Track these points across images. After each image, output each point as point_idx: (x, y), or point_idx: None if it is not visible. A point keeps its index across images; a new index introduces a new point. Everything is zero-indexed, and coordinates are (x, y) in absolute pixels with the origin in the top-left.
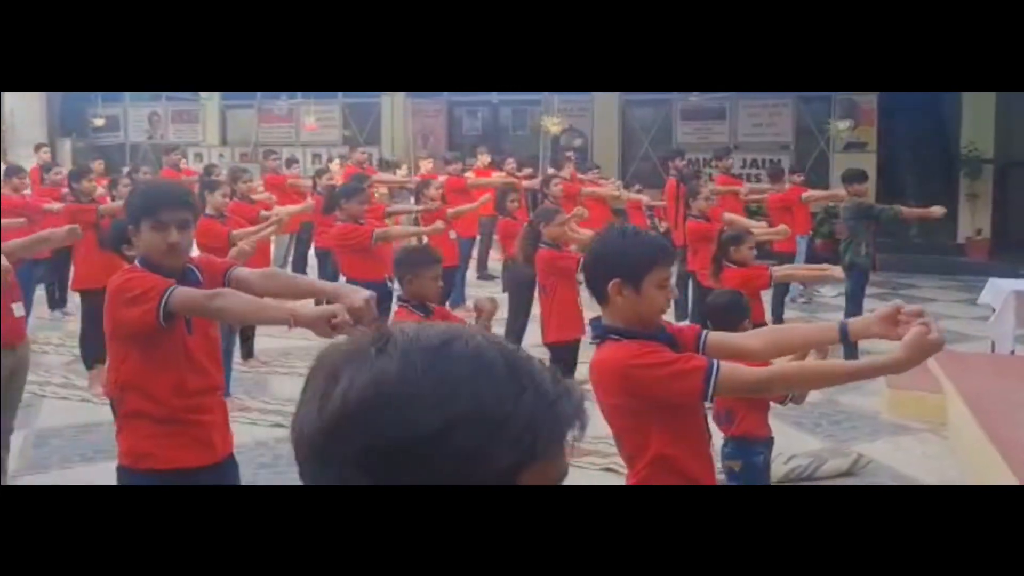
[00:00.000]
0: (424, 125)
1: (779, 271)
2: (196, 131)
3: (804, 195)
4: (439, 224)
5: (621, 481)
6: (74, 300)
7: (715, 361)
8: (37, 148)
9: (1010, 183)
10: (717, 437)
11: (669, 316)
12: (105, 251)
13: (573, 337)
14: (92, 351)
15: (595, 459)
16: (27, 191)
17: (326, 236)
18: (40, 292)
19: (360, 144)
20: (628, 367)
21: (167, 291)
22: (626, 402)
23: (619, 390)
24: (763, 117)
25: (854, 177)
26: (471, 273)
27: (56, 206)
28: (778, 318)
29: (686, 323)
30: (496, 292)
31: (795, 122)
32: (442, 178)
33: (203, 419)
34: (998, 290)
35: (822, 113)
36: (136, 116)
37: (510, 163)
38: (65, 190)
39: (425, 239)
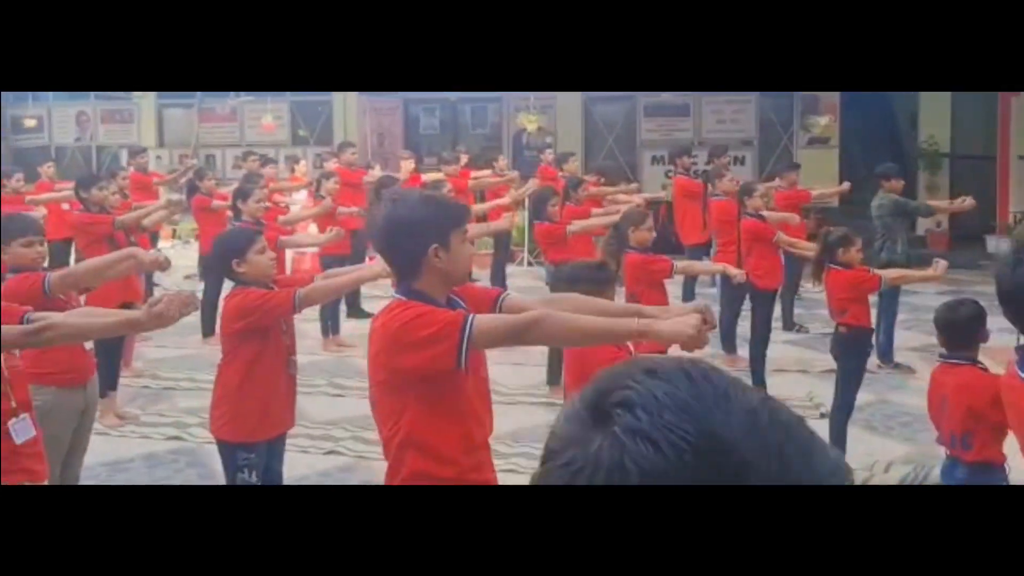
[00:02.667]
0: (379, 123)
1: (890, 274)
2: (130, 132)
3: (815, 193)
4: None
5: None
6: None
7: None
8: None
9: (965, 176)
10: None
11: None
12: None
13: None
14: (103, 379)
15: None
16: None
17: None
18: None
19: (310, 144)
20: None
21: (465, 326)
22: None
23: None
24: (726, 113)
25: (888, 172)
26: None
27: (40, 211)
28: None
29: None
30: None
31: (758, 118)
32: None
33: (489, 478)
34: None
35: (785, 109)
36: (61, 116)
37: (502, 160)
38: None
39: None
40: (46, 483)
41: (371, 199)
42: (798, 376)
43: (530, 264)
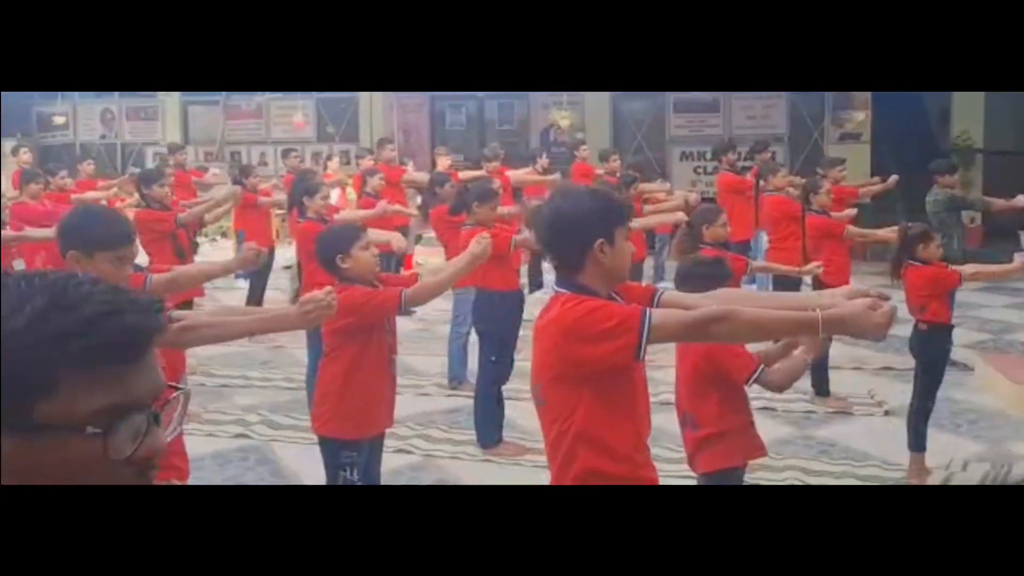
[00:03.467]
0: (405, 120)
1: (968, 269)
2: (155, 129)
3: (863, 190)
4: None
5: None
6: None
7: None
8: (15, 151)
9: (999, 172)
10: None
11: None
12: (183, 262)
13: None
14: None
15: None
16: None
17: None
18: None
19: (336, 141)
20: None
21: (644, 319)
22: None
23: None
24: (757, 109)
25: (943, 168)
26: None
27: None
28: None
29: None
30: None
31: (789, 114)
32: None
33: (653, 477)
34: None
35: (816, 104)
36: (87, 113)
37: (543, 159)
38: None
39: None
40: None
41: (426, 195)
42: (853, 374)
43: None
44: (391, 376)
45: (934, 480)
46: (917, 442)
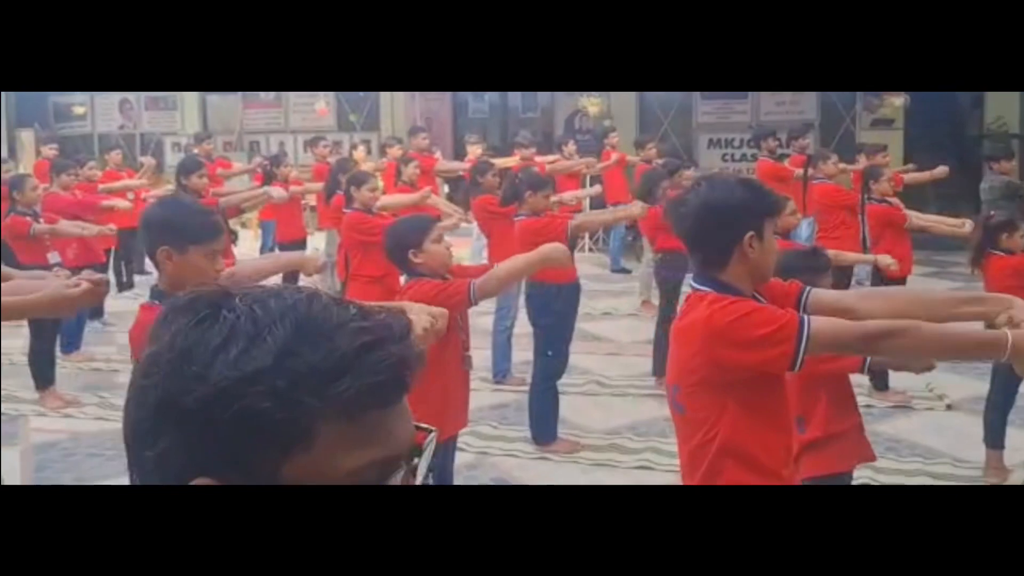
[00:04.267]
0: (427, 108)
1: None
2: (173, 119)
3: (908, 177)
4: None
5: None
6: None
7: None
8: (39, 144)
9: None
10: None
11: None
12: None
13: None
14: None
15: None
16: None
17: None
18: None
19: (356, 130)
20: None
21: (803, 328)
22: None
23: None
24: (786, 95)
25: (999, 153)
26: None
27: (122, 203)
28: None
29: None
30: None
31: (819, 100)
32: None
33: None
34: None
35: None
36: (105, 104)
37: (571, 144)
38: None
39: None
40: None
41: (471, 184)
42: None
43: (590, 250)
44: (465, 373)
45: (1015, 480)
46: (994, 439)
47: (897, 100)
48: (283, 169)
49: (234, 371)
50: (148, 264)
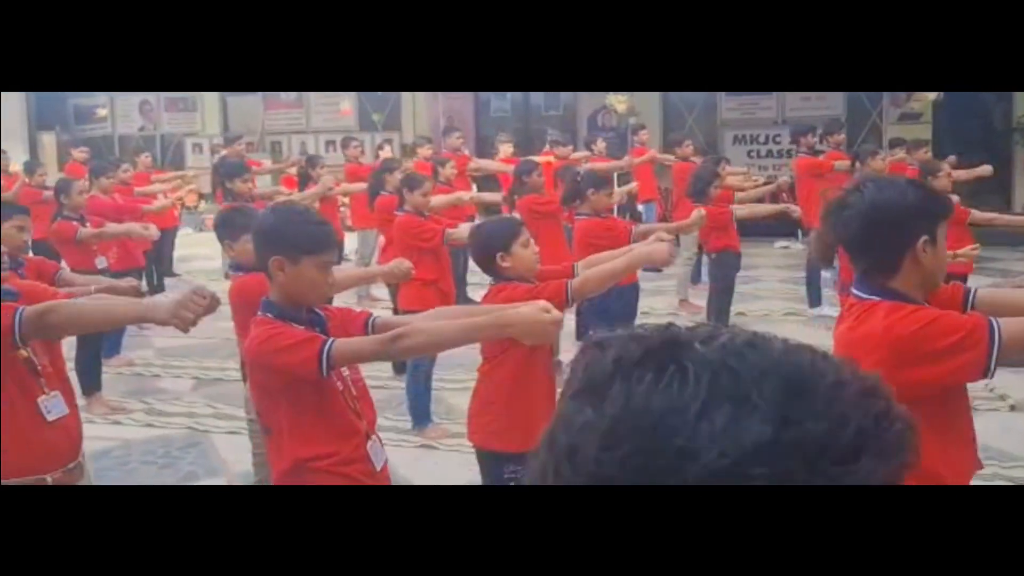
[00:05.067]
0: (449, 107)
1: None
2: (194, 120)
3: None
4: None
5: None
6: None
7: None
8: (68, 147)
9: None
10: None
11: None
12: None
13: None
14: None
15: None
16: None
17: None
18: None
19: (378, 130)
20: None
21: (993, 331)
22: None
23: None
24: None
25: None
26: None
27: (163, 202)
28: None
29: None
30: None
31: (846, 95)
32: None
33: None
34: None
35: None
36: (125, 105)
37: (600, 142)
38: (48, 192)
39: None
40: None
41: (516, 183)
42: None
43: None
44: (552, 379)
45: None
46: None
47: (931, 94)
48: (319, 170)
49: (729, 446)
50: (178, 267)
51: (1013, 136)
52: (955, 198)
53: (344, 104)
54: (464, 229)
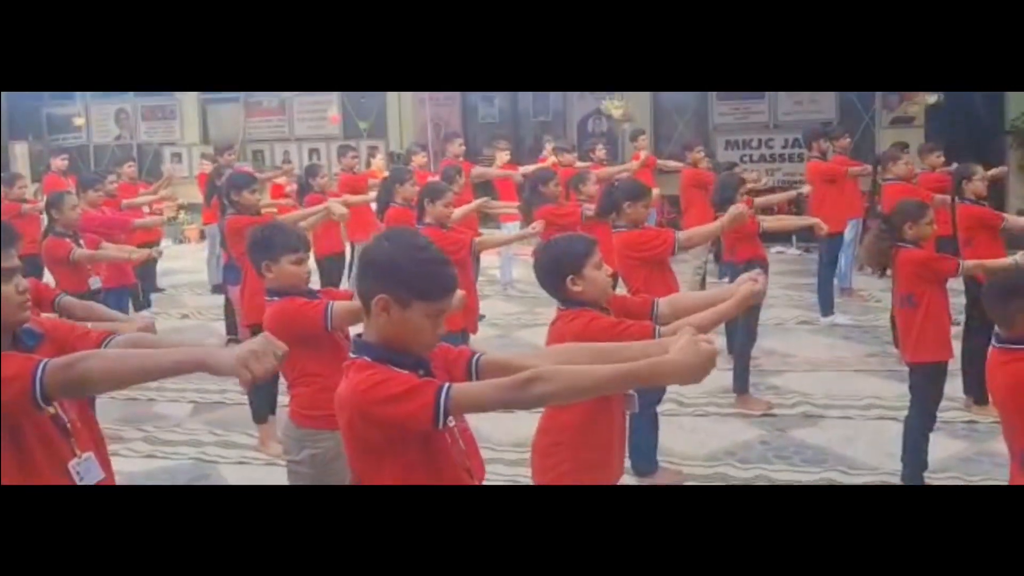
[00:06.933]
0: (436, 113)
1: None
2: (172, 129)
3: None
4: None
5: None
6: None
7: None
8: (47, 156)
9: None
10: None
11: None
12: None
13: (946, 358)
14: (263, 401)
15: None
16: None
17: None
18: None
19: (363, 137)
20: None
21: None
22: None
23: None
24: (804, 95)
25: None
26: None
27: (155, 220)
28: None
29: None
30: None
31: (838, 99)
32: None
33: None
34: None
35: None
36: (101, 114)
37: (600, 149)
38: (27, 206)
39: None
40: None
41: (531, 193)
42: None
43: None
44: (625, 416)
45: None
46: None
47: (931, 97)
48: (320, 180)
49: None
50: (161, 280)
51: (1006, 140)
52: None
53: (332, 110)
54: (494, 235)
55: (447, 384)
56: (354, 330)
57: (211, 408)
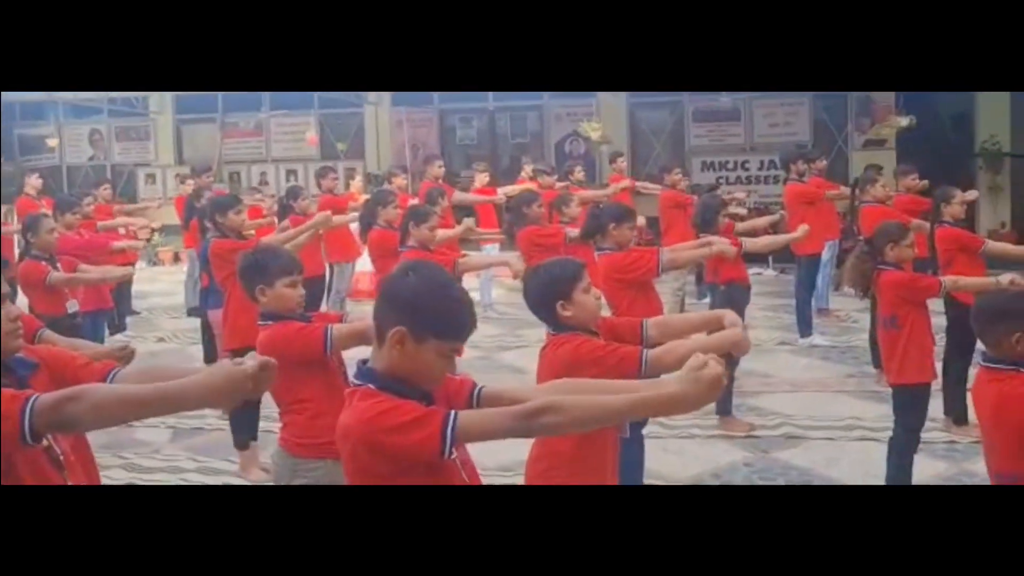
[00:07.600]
0: (414, 135)
1: None
2: (147, 149)
3: None
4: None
5: None
6: None
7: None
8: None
9: None
10: None
11: None
12: None
13: (929, 379)
14: (245, 426)
15: None
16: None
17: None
18: None
19: (341, 159)
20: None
21: None
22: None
23: None
24: (779, 116)
25: None
26: None
27: (134, 243)
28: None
29: None
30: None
31: (812, 121)
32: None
33: None
34: None
35: (838, 111)
36: (74, 135)
37: (578, 171)
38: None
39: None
40: None
41: (515, 214)
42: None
43: None
44: (618, 439)
45: None
46: None
47: (903, 120)
48: (301, 202)
49: None
50: (136, 303)
51: (975, 162)
52: (925, 225)
53: (310, 132)
54: (476, 257)
55: (454, 412)
56: (354, 354)
57: (191, 434)
